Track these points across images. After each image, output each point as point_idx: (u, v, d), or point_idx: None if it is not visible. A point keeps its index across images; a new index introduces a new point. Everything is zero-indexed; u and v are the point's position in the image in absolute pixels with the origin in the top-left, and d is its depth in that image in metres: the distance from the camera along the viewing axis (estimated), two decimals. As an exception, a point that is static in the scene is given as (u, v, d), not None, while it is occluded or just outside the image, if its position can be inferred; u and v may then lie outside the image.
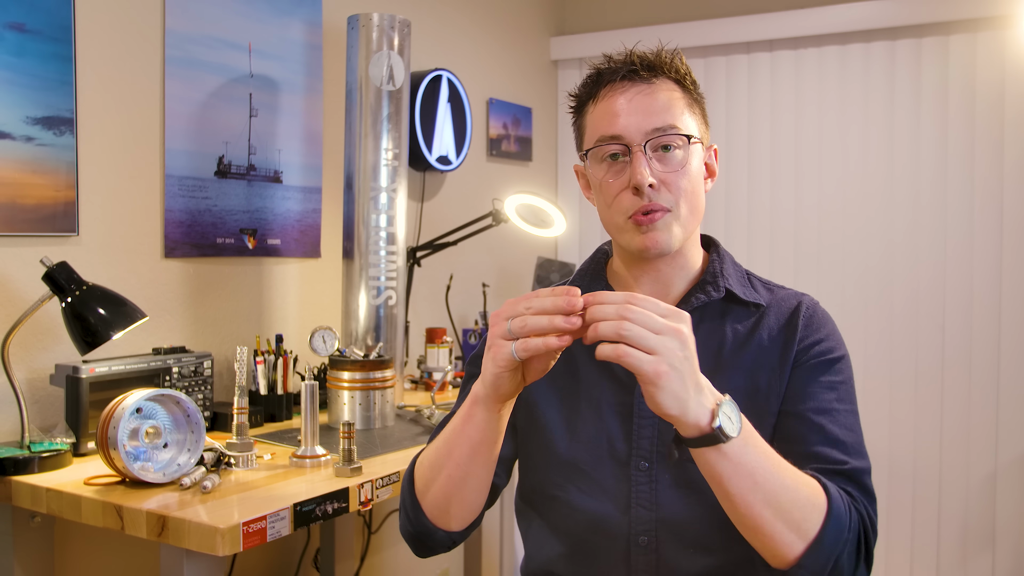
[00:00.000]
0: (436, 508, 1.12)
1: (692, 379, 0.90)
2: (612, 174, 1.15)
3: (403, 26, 2.16)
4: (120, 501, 1.38)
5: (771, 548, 0.97)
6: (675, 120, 1.13)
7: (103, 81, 1.87)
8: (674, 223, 1.13)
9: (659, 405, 0.89)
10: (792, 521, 0.96)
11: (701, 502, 1.12)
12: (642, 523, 1.13)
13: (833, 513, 0.98)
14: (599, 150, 1.15)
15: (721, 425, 0.91)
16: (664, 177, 1.12)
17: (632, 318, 0.88)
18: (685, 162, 1.13)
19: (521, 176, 3.32)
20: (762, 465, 0.95)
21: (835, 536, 0.98)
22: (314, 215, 2.39)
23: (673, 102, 1.14)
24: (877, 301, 3.02)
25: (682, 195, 1.13)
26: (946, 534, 2.93)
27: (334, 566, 2.27)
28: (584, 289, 1.22)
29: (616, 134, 1.13)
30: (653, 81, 1.14)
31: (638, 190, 1.11)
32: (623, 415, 1.16)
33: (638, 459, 1.14)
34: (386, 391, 1.97)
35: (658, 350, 0.88)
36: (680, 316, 0.91)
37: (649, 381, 0.88)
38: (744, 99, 3.21)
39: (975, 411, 2.89)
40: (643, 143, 1.12)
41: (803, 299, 1.21)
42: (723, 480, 0.94)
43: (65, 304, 1.60)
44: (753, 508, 0.95)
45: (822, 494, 0.99)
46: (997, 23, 2.82)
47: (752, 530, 0.97)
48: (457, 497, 1.10)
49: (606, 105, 1.15)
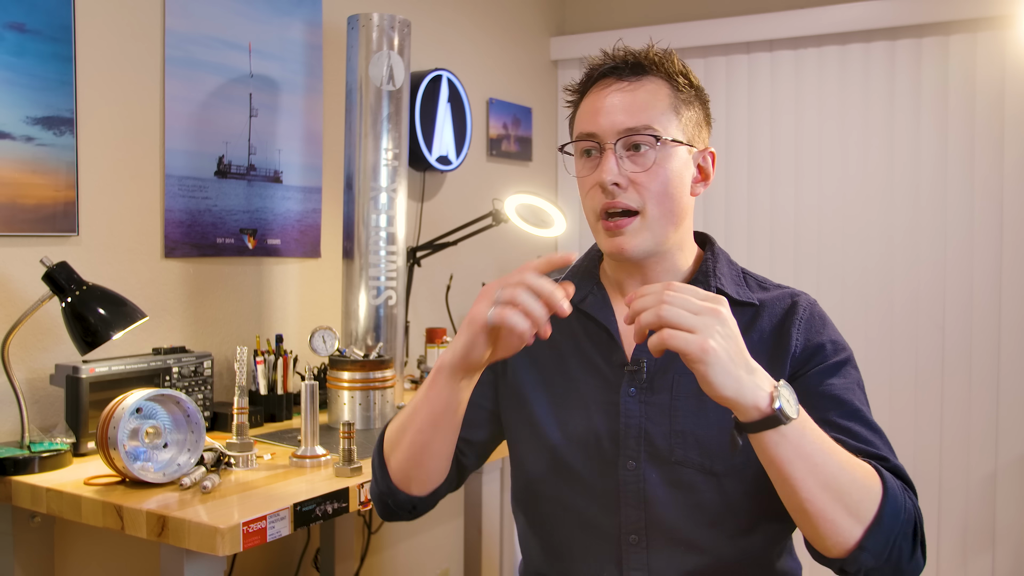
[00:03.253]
0: (399, 471, 1.14)
1: (740, 358, 0.91)
2: (587, 170, 1.16)
3: (403, 26, 2.16)
4: (120, 501, 1.38)
5: (831, 534, 0.95)
6: (652, 120, 1.12)
7: (103, 81, 1.87)
8: (643, 229, 1.13)
9: (712, 385, 0.89)
10: (851, 504, 0.94)
11: (689, 502, 1.12)
12: (632, 522, 1.14)
13: (889, 495, 0.96)
14: (576, 145, 1.18)
15: (782, 407, 0.90)
16: (634, 177, 1.12)
17: (670, 301, 0.91)
18: (656, 163, 1.12)
19: (521, 176, 3.32)
20: (820, 448, 0.94)
21: (893, 517, 0.96)
22: (314, 215, 2.39)
23: (655, 102, 1.13)
24: (877, 301, 3.02)
25: (651, 197, 1.12)
26: (946, 534, 2.93)
27: (334, 566, 2.27)
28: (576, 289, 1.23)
29: (591, 131, 1.14)
30: (639, 79, 1.15)
31: (604, 188, 1.12)
32: (610, 414, 1.16)
33: (626, 458, 1.14)
34: (386, 391, 1.97)
35: (698, 328, 0.89)
36: (718, 299, 0.93)
37: (696, 359, 0.89)
38: (744, 99, 3.21)
39: (975, 411, 2.89)
40: (615, 142, 1.12)
41: (798, 299, 1.19)
42: (784, 464, 0.92)
43: (65, 304, 1.60)
44: (813, 491, 0.93)
45: (876, 477, 0.98)
46: (997, 23, 2.82)
47: (811, 516, 0.95)
48: (419, 461, 1.12)
49: (590, 102, 1.17)
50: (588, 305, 1.22)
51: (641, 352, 1.16)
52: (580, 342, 1.21)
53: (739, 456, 1.11)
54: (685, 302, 0.91)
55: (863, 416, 1.10)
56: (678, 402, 1.13)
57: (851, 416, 1.09)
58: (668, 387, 1.14)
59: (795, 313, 1.16)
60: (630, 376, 1.15)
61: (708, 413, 1.12)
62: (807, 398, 1.11)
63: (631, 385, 1.15)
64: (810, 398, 1.11)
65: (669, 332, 0.90)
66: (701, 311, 0.90)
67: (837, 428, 1.07)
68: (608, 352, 1.19)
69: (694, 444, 1.12)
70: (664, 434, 1.13)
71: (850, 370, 1.14)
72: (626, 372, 1.16)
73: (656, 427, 1.13)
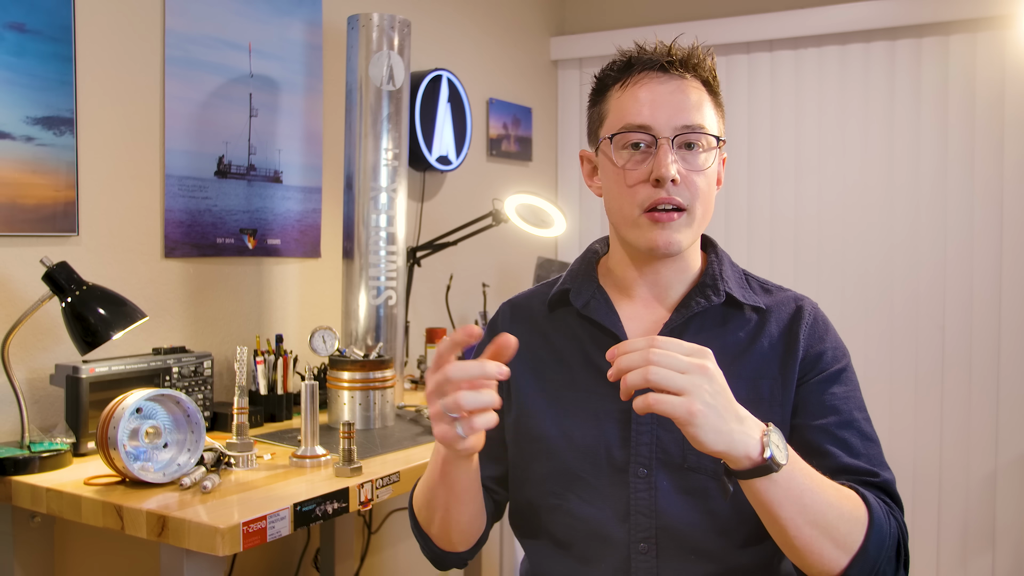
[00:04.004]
0: (440, 539, 1.18)
1: (730, 412, 0.91)
2: (633, 163, 1.12)
3: (403, 26, 2.16)
4: (120, 501, 1.38)
5: (817, 563, 0.97)
6: (704, 121, 1.11)
7: (103, 81, 1.87)
8: (687, 226, 1.12)
9: (702, 444, 0.89)
10: (838, 537, 0.97)
11: (701, 509, 1.11)
12: (642, 530, 1.12)
13: (875, 524, 0.99)
14: (624, 136, 1.12)
15: (772, 455, 0.91)
16: (686, 175, 1.10)
17: (657, 361, 0.89)
18: (710, 162, 1.12)
19: (521, 176, 3.32)
20: (809, 487, 0.95)
21: (878, 545, 0.99)
22: (314, 215, 2.39)
23: (703, 102, 1.13)
24: (877, 301, 3.02)
25: (699, 196, 1.11)
26: (946, 534, 2.93)
27: (334, 566, 2.27)
28: (575, 291, 1.21)
29: (645, 123, 1.11)
30: (686, 77, 1.13)
31: (659, 182, 1.09)
32: (621, 421, 1.14)
33: (636, 466, 1.12)
34: (386, 391, 1.97)
35: (686, 389, 0.88)
36: (704, 352, 0.92)
37: (685, 422, 0.88)
38: (744, 99, 3.21)
39: (975, 411, 2.89)
40: (672, 137, 1.10)
41: (803, 304, 1.19)
42: (774, 506, 0.94)
43: (65, 304, 1.60)
44: (802, 530, 0.95)
45: (863, 506, 1.00)
46: (997, 23, 2.82)
47: (798, 550, 0.97)
48: (455, 531, 1.15)
49: (636, 92, 1.12)
50: (592, 310, 1.19)
51: None
52: (587, 350, 1.19)
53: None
54: (672, 361, 0.89)
55: (859, 427, 1.11)
56: None
57: (847, 426, 1.10)
58: None
59: (801, 318, 1.16)
60: None
61: None
62: (807, 405, 1.12)
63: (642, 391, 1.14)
64: (810, 406, 1.12)
65: (656, 397, 0.88)
66: (688, 369, 0.89)
67: (833, 439, 1.09)
68: None
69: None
70: (677, 440, 1.11)
71: (850, 376, 1.15)
72: None
73: (668, 433, 1.12)
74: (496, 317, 1.30)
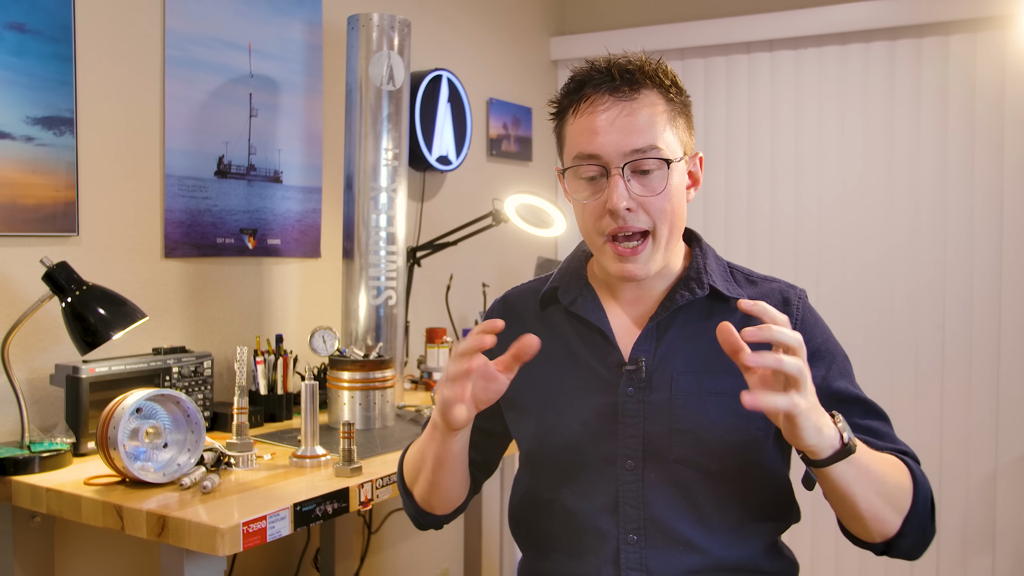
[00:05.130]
0: (423, 500, 1.25)
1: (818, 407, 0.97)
2: (589, 194, 1.13)
3: (403, 26, 2.16)
4: (120, 501, 1.38)
5: (879, 529, 1.06)
6: (656, 140, 1.10)
7: (103, 81, 1.87)
8: (654, 252, 1.13)
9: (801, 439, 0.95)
10: (894, 502, 1.05)
11: (689, 500, 1.13)
12: (630, 522, 1.14)
13: (919, 486, 1.08)
14: (577, 169, 1.13)
15: (850, 439, 0.98)
16: (643, 200, 1.10)
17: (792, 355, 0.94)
18: (664, 184, 1.11)
19: (521, 176, 3.32)
20: (869, 462, 1.02)
21: (923, 504, 1.08)
22: (314, 215, 2.39)
23: (655, 119, 1.10)
24: (877, 300, 3.02)
25: (661, 218, 1.11)
26: (946, 534, 2.93)
27: (334, 566, 2.27)
28: (563, 289, 1.24)
29: (594, 153, 1.11)
30: (635, 96, 1.11)
31: (614, 213, 1.10)
32: (608, 415, 1.16)
33: (624, 458, 1.14)
34: (386, 391, 1.97)
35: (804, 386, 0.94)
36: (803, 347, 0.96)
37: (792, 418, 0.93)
38: (744, 99, 3.21)
39: (975, 411, 2.89)
40: (621, 165, 1.09)
41: (789, 295, 1.19)
42: (850, 485, 1.00)
43: (65, 304, 1.60)
44: (871, 501, 1.03)
45: (907, 471, 1.09)
46: (997, 23, 2.82)
47: (866, 520, 1.05)
48: (437, 494, 1.23)
49: (585, 121, 1.12)
50: (579, 307, 1.21)
51: (639, 351, 1.16)
52: (573, 346, 1.21)
53: (735, 456, 1.11)
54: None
55: (875, 408, 1.17)
56: (677, 400, 1.13)
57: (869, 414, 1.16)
58: (666, 385, 1.14)
59: (789, 314, 1.16)
60: (628, 376, 1.15)
61: (707, 410, 1.12)
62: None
63: (629, 385, 1.15)
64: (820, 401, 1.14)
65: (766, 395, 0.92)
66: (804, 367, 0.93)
67: (860, 428, 1.14)
68: (603, 354, 1.18)
69: (694, 441, 1.12)
70: (663, 432, 1.13)
71: (842, 364, 1.18)
72: (624, 372, 1.16)
73: (655, 425, 1.13)
74: (490, 313, 1.33)
